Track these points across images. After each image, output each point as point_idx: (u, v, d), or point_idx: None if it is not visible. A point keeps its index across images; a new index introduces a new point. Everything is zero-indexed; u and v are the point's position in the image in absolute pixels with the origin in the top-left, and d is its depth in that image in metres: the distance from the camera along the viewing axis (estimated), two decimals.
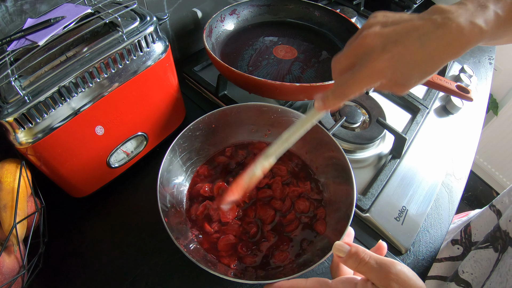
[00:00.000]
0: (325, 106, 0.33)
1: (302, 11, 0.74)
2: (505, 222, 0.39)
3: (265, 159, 0.40)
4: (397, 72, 0.28)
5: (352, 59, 0.31)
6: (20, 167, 0.40)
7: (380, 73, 0.28)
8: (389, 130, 0.59)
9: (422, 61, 0.27)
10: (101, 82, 0.39)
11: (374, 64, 0.28)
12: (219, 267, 0.40)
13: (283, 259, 0.42)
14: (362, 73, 0.29)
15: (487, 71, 0.83)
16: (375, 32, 0.29)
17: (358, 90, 0.30)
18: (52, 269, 0.43)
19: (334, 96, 0.31)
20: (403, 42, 0.27)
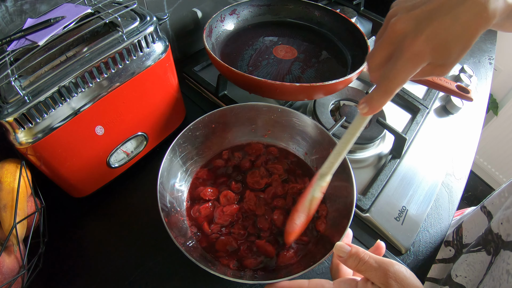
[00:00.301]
0: (372, 109, 0.31)
1: (302, 11, 0.74)
2: (496, 225, 0.39)
3: (322, 179, 0.39)
4: (437, 51, 0.27)
5: (387, 51, 0.29)
6: (20, 167, 0.40)
7: (420, 56, 0.27)
8: (389, 130, 0.59)
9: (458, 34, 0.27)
10: (101, 82, 0.39)
11: (412, 48, 0.27)
12: (219, 267, 0.40)
13: (287, 259, 0.42)
14: (402, 61, 0.28)
15: (487, 71, 0.83)
16: (404, 16, 0.28)
17: (402, 80, 0.28)
18: (52, 269, 0.43)
19: (379, 95, 0.30)
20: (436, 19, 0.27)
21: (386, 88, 0.29)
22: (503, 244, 0.37)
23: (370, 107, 0.31)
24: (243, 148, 0.53)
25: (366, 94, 0.66)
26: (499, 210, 0.42)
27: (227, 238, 0.43)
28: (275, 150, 0.53)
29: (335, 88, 0.53)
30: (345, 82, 0.53)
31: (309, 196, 0.40)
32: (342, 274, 0.34)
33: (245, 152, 0.53)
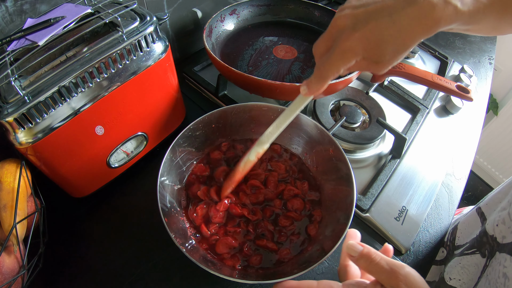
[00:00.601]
0: (310, 91, 0.34)
1: (302, 11, 0.74)
2: (492, 227, 0.38)
3: (259, 146, 0.43)
4: (369, 49, 0.29)
5: (328, 42, 0.32)
6: (20, 167, 0.40)
7: (352, 51, 0.29)
8: (389, 130, 0.59)
9: (393, 37, 0.28)
10: (101, 82, 0.39)
11: (345, 43, 0.29)
12: (218, 266, 0.40)
13: (285, 255, 0.42)
14: (335, 53, 0.30)
15: (487, 71, 0.83)
16: (346, 13, 0.30)
17: (335, 70, 0.31)
18: (52, 269, 0.43)
19: (316, 80, 0.33)
20: (374, 20, 0.28)
21: (321, 75, 0.33)
22: (498, 246, 0.37)
23: (309, 89, 0.34)
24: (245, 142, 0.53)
25: (366, 94, 0.66)
26: (493, 211, 0.41)
27: (226, 239, 0.43)
28: (278, 148, 0.53)
29: (335, 88, 0.53)
30: (345, 82, 0.53)
31: (245, 158, 0.44)
32: (350, 276, 0.34)
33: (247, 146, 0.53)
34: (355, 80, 0.69)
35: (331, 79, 0.32)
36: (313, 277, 0.45)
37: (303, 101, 0.38)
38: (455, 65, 0.81)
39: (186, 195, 0.47)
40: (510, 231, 0.36)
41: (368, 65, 0.31)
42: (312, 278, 0.45)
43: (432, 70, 0.79)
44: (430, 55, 0.83)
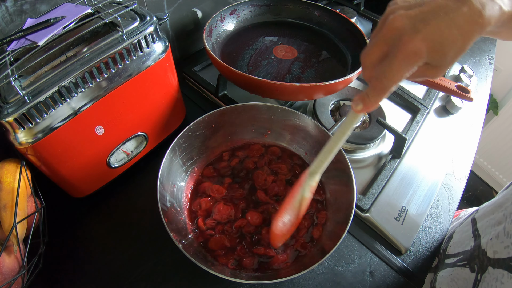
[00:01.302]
0: (366, 107, 0.31)
1: (302, 11, 0.73)
2: (485, 241, 0.37)
3: (311, 178, 0.38)
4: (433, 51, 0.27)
5: (383, 48, 0.29)
6: (20, 167, 0.40)
7: (416, 55, 0.27)
8: (389, 130, 0.59)
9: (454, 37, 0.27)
10: (101, 82, 0.39)
11: (409, 46, 0.27)
12: (217, 266, 0.40)
13: (280, 261, 0.42)
14: (398, 58, 0.27)
15: (487, 71, 0.83)
16: (401, 14, 0.28)
17: (398, 78, 0.28)
18: (52, 269, 0.43)
19: (374, 93, 0.30)
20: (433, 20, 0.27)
21: (381, 86, 0.29)
22: (489, 261, 0.35)
23: (364, 104, 0.31)
24: (243, 148, 0.53)
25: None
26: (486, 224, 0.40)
27: (220, 237, 0.43)
28: (277, 150, 0.53)
29: (335, 88, 0.53)
30: (345, 82, 0.53)
31: (298, 196, 0.38)
32: None
33: (246, 153, 0.53)
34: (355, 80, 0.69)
35: (393, 90, 0.29)
36: (313, 277, 0.45)
37: (355, 119, 0.33)
38: (455, 65, 0.81)
39: (193, 190, 0.48)
40: (503, 247, 0.34)
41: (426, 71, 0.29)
42: (312, 278, 0.45)
43: None
44: None
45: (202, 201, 0.45)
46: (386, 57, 0.29)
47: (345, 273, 0.45)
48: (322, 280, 0.45)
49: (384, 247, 0.48)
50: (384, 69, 0.28)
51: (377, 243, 0.49)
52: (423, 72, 0.29)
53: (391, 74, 0.28)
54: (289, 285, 0.44)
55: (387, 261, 0.47)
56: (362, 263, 0.47)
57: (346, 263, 0.46)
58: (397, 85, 0.29)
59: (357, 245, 0.48)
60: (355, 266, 0.46)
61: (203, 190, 0.48)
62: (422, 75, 0.29)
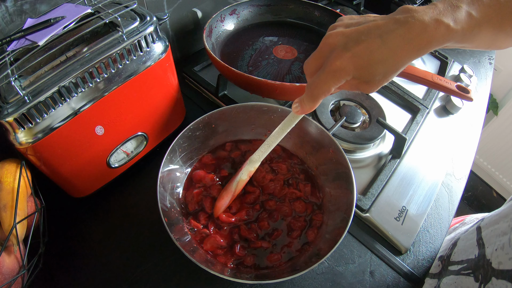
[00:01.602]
0: (302, 110, 0.34)
1: (302, 11, 0.74)
2: (490, 251, 0.37)
3: (251, 165, 0.44)
4: (359, 69, 0.29)
5: (318, 61, 0.32)
6: (20, 167, 0.40)
7: (342, 71, 0.29)
8: (389, 130, 0.59)
9: (384, 58, 0.28)
10: (101, 82, 0.39)
11: (336, 63, 0.29)
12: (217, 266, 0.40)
13: (274, 260, 0.42)
14: (325, 73, 0.30)
15: (487, 71, 0.83)
16: (337, 32, 0.30)
17: (326, 89, 0.31)
18: (52, 269, 0.43)
19: (307, 99, 0.33)
20: (364, 40, 0.28)
21: (312, 94, 0.32)
22: (493, 272, 0.35)
23: (301, 107, 0.34)
24: (247, 143, 0.53)
25: (366, 94, 0.66)
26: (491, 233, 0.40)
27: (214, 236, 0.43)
28: (278, 148, 0.53)
29: None
30: None
31: (237, 178, 0.44)
32: None
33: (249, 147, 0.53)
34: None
35: (322, 98, 0.32)
36: (313, 277, 0.45)
37: (295, 119, 0.38)
38: (455, 65, 0.81)
39: (190, 179, 0.48)
40: (508, 258, 0.34)
41: (358, 85, 0.31)
42: (312, 278, 0.45)
43: (432, 70, 0.79)
44: (430, 55, 0.83)
45: (195, 192, 0.46)
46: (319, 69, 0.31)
47: (345, 273, 0.45)
48: (322, 280, 0.45)
49: (384, 247, 0.48)
50: (314, 80, 0.31)
51: (377, 243, 0.49)
52: (355, 86, 0.31)
53: (319, 85, 0.31)
54: (289, 285, 0.44)
55: (387, 261, 0.47)
56: (362, 263, 0.47)
57: (346, 263, 0.46)
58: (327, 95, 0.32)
59: (357, 245, 0.48)
60: (355, 266, 0.46)
61: (197, 178, 0.48)
62: (354, 88, 0.32)
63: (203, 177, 0.48)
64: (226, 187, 0.45)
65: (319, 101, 0.33)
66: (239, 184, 0.44)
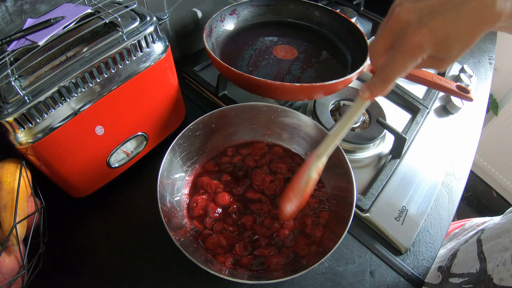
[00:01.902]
0: (373, 94, 0.32)
1: (302, 11, 0.73)
2: (492, 266, 0.37)
3: (318, 160, 0.39)
4: (437, 45, 0.27)
5: (389, 40, 0.30)
6: (20, 167, 0.40)
7: (420, 48, 0.27)
8: (389, 130, 0.59)
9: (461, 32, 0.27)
10: (101, 82, 0.39)
11: (413, 39, 0.27)
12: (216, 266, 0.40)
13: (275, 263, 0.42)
14: (402, 50, 0.28)
15: (487, 71, 0.83)
16: (408, 7, 0.28)
17: (403, 69, 0.29)
18: (52, 269, 0.43)
19: (380, 82, 0.31)
20: (440, 13, 0.27)
21: (386, 76, 0.30)
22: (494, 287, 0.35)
23: (371, 92, 0.32)
24: (247, 146, 0.54)
25: None
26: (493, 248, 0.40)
27: (218, 237, 0.43)
28: (279, 150, 0.53)
29: (335, 88, 0.53)
30: (345, 82, 0.53)
31: (305, 177, 0.40)
32: None
33: (249, 150, 0.53)
34: (355, 80, 0.69)
35: (397, 79, 0.30)
36: (313, 277, 0.45)
37: (362, 105, 0.35)
38: (455, 65, 0.81)
39: (193, 184, 0.48)
40: (510, 274, 0.34)
41: (432, 62, 0.29)
42: (312, 278, 0.45)
43: (432, 70, 0.79)
44: None
45: (198, 198, 0.46)
46: (391, 48, 0.30)
47: (345, 273, 0.45)
48: (322, 280, 0.45)
49: (384, 247, 0.48)
50: (389, 60, 0.29)
51: (377, 243, 0.49)
52: (429, 64, 0.30)
53: (395, 65, 0.29)
54: (289, 285, 0.44)
55: (387, 261, 0.47)
56: (362, 263, 0.47)
57: (346, 263, 0.46)
58: (403, 76, 0.30)
59: (357, 245, 0.48)
60: (355, 266, 0.46)
61: (201, 185, 0.48)
62: (427, 66, 0.30)
63: (208, 183, 0.48)
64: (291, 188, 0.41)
65: (393, 83, 0.31)
66: (309, 183, 0.40)
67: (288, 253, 0.43)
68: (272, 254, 0.43)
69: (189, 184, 0.49)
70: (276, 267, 0.42)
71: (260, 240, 0.44)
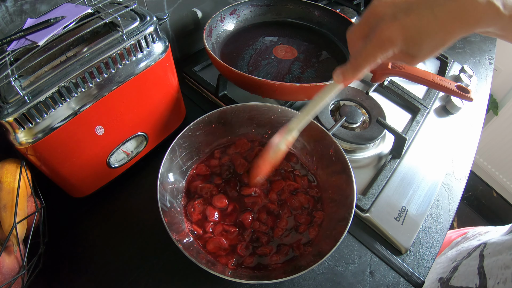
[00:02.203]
0: (344, 79, 0.33)
1: (302, 11, 0.74)
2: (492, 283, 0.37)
3: (288, 134, 0.41)
4: (408, 41, 0.28)
5: (364, 30, 0.31)
6: (20, 167, 0.40)
7: (390, 42, 0.28)
8: (389, 130, 0.59)
9: (434, 31, 0.27)
10: (101, 82, 0.39)
11: (384, 33, 0.28)
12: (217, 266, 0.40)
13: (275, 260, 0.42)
14: (373, 42, 0.29)
15: (487, 71, 0.83)
16: (386, 1, 0.29)
17: (372, 59, 0.30)
18: (52, 269, 0.43)
19: (351, 68, 0.32)
20: (415, 11, 0.27)
21: (356, 64, 0.31)
22: None
23: (343, 77, 0.33)
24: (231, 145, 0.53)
25: (366, 94, 0.66)
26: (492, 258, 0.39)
27: (218, 238, 0.43)
28: None
29: None
30: None
31: (275, 148, 0.41)
32: None
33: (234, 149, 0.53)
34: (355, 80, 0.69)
35: (367, 68, 0.31)
36: (313, 277, 0.45)
37: (334, 88, 0.36)
38: (455, 65, 0.81)
39: (187, 190, 0.48)
40: None
41: (403, 57, 0.30)
42: (312, 278, 0.45)
43: (432, 70, 0.79)
44: None
45: (195, 203, 0.45)
46: (365, 38, 0.31)
47: (345, 273, 0.45)
48: (322, 280, 0.45)
49: (384, 247, 0.48)
50: (361, 49, 0.30)
51: (377, 243, 0.49)
52: (400, 57, 0.30)
53: (366, 55, 0.30)
54: (289, 285, 0.44)
55: (387, 261, 0.47)
56: (362, 263, 0.47)
57: (346, 263, 0.46)
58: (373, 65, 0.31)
59: (357, 245, 0.48)
60: (355, 266, 0.46)
61: (194, 190, 0.48)
62: (398, 59, 0.31)
63: (202, 188, 0.48)
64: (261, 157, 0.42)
65: (363, 71, 0.32)
66: (278, 154, 0.41)
67: (286, 251, 0.43)
68: (273, 253, 0.43)
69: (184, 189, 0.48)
70: (275, 265, 0.42)
71: (261, 238, 0.44)
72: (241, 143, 0.53)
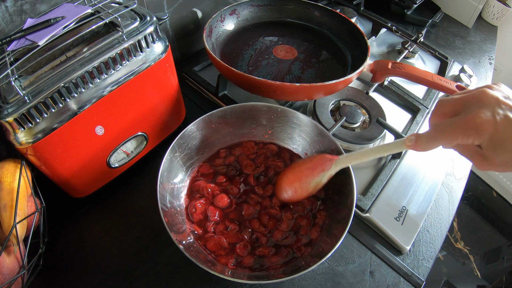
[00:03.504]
0: (416, 146, 0.32)
1: (302, 11, 0.73)
2: None
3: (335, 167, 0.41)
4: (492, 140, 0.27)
5: (458, 107, 0.30)
6: (20, 167, 0.40)
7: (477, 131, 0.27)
8: (389, 130, 0.59)
9: None
10: (101, 82, 0.39)
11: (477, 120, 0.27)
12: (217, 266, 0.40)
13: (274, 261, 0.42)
14: (460, 123, 0.28)
15: (487, 71, 0.83)
16: (495, 95, 0.28)
17: (451, 138, 0.29)
18: (52, 269, 0.43)
19: (427, 139, 0.31)
20: None
21: (434, 136, 0.30)
22: None
23: (416, 144, 0.32)
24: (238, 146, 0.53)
25: (366, 94, 0.66)
26: None
27: (219, 238, 0.43)
28: (274, 147, 0.53)
29: (335, 88, 0.53)
30: (345, 82, 0.53)
31: (316, 178, 0.41)
32: None
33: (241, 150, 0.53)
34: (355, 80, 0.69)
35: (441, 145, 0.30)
36: (313, 277, 0.45)
37: (400, 148, 0.35)
38: (455, 65, 0.81)
39: (189, 190, 0.48)
40: None
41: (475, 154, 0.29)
42: (312, 278, 0.45)
43: (432, 70, 0.79)
44: (430, 55, 0.83)
45: (196, 203, 0.45)
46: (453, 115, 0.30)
47: (345, 273, 0.45)
48: (322, 280, 0.45)
49: (384, 247, 0.48)
50: (445, 125, 0.29)
51: (377, 243, 0.49)
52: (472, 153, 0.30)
53: (447, 131, 0.29)
54: (289, 285, 0.44)
55: (387, 261, 0.47)
56: (362, 263, 0.47)
57: (346, 263, 0.46)
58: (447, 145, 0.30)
59: (357, 245, 0.48)
60: (355, 266, 0.46)
61: (197, 189, 0.48)
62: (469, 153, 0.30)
63: (204, 187, 0.47)
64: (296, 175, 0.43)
65: (438, 145, 0.30)
66: (317, 186, 0.42)
67: (286, 253, 0.43)
68: (272, 254, 0.43)
69: (186, 188, 0.48)
70: (275, 266, 0.42)
71: (260, 239, 0.44)
72: (247, 146, 0.53)
